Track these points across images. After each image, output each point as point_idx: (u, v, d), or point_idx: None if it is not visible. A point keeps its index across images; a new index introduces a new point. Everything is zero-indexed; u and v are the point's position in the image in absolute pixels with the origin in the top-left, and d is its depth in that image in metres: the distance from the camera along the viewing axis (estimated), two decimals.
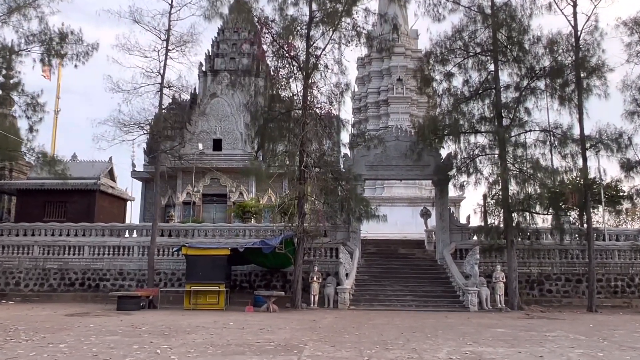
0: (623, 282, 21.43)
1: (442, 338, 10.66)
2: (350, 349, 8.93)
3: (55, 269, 22.51)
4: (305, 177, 19.39)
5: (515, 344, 9.93)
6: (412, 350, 8.85)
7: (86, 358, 7.89)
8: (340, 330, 11.94)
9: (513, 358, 8.23)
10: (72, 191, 27.07)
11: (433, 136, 21.14)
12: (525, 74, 20.71)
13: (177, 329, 12.06)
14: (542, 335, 11.30)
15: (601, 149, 19.59)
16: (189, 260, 18.81)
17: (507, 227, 19.38)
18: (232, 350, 8.78)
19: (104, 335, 10.75)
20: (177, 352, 8.52)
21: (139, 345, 9.22)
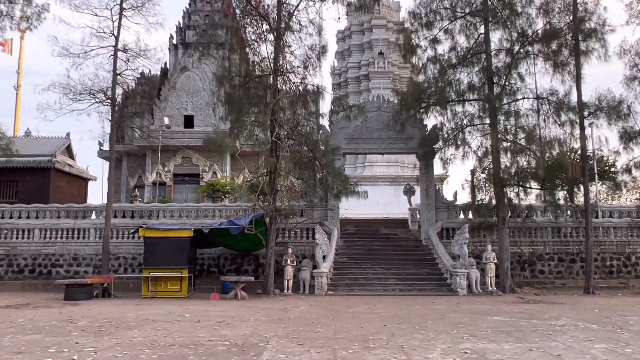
0: (619, 262, 20.20)
1: (432, 331, 9.00)
2: (322, 349, 7.20)
3: (2, 254, 20.37)
4: (278, 149, 17.51)
5: (520, 337, 8.30)
6: (399, 349, 7.15)
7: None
8: (313, 322, 10.22)
9: (525, 357, 6.58)
10: (24, 169, 24.87)
11: (418, 105, 19.39)
12: (518, 38, 18.99)
13: (120, 323, 10.20)
14: (547, 325, 9.73)
15: (600, 117, 18.08)
16: (148, 243, 16.87)
17: (499, 203, 17.85)
18: (172, 353, 7.00)
19: (25, 334, 8.87)
20: (100, 356, 6.74)
21: (58, 348, 7.39)
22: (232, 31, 18.33)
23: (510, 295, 16.77)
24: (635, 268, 20.11)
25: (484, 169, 18.53)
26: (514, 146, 18.05)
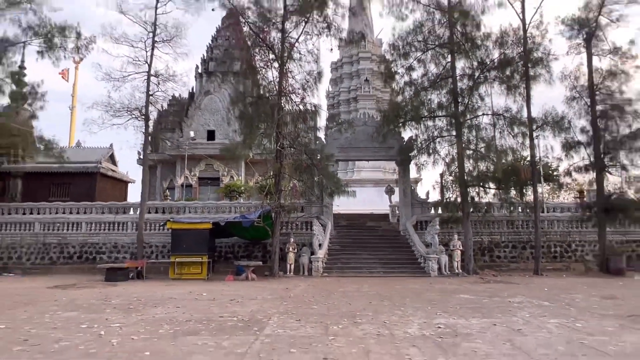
0: (562, 248, 19.74)
1: (410, 307, 8.51)
2: (316, 324, 6.70)
3: (55, 243, 19.80)
4: (282, 157, 17.06)
5: (485, 313, 7.83)
6: (382, 324, 6.67)
7: (16, 342, 5.59)
8: (309, 300, 9.74)
9: (491, 332, 6.10)
10: (74, 174, 24.38)
11: (396, 121, 18.97)
12: (478, 66, 18.60)
13: (148, 301, 9.70)
14: (507, 302, 9.27)
15: (546, 130, 17.68)
16: (174, 233, 16.38)
17: (463, 200, 17.41)
18: (187, 328, 6.50)
19: (64, 311, 8.37)
20: (125, 332, 6.25)
21: (89, 324, 6.90)
22: (245, 61, 17.90)
23: (473, 276, 16.31)
24: (575, 253, 19.65)
25: (451, 172, 18.11)
26: (475, 154, 17.64)
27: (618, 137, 17.30)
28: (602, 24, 18.00)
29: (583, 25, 18.24)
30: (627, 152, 17.22)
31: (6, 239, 19.85)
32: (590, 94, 17.78)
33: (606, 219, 17.27)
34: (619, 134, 17.28)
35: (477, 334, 5.93)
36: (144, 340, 5.63)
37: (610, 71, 17.58)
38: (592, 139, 17.76)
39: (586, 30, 17.89)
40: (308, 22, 17.22)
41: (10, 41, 19.33)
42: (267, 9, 16.91)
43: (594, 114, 17.55)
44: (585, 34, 17.96)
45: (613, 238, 19.54)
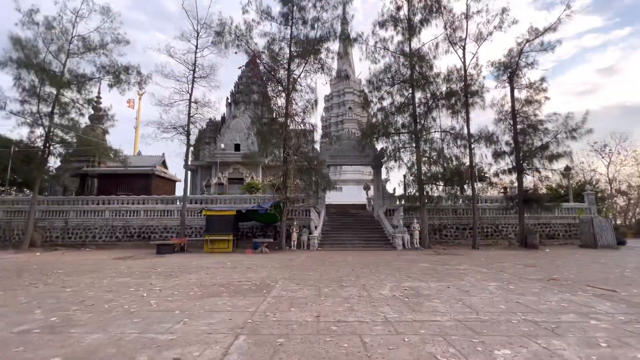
0: (491, 229, 19.37)
1: (383, 274, 8.05)
2: (312, 287, 6.23)
3: (120, 226, 19.14)
4: (287, 163, 16.55)
5: (440, 278, 7.37)
6: (362, 287, 6.20)
7: (75, 302, 5.08)
8: (307, 268, 9.24)
9: (446, 293, 5.67)
10: (135, 175, 23.64)
11: (372, 136, 18.51)
12: (431, 96, 18.15)
13: (185, 269, 9.15)
14: (455, 269, 8.82)
15: (481, 142, 17.28)
16: (208, 218, 15.78)
17: (420, 194, 16.96)
18: (212, 291, 6.00)
19: (120, 277, 7.83)
20: (163, 294, 5.74)
21: (136, 287, 6.39)
22: (260, 92, 17.37)
23: (428, 249, 15.86)
24: (501, 233, 19.29)
25: (412, 173, 17.64)
26: (429, 160, 17.21)
27: (532, 148, 16.93)
28: (521, 65, 17.66)
29: (507, 67, 17.90)
30: (539, 159, 16.86)
31: (85, 222, 19.18)
32: (512, 117, 17.40)
33: (524, 208, 16.90)
34: (533, 146, 16.92)
35: (436, 294, 5.51)
36: (177, 301, 5.14)
37: (527, 100, 17.23)
38: (514, 149, 17.40)
39: (510, 70, 17.55)
40: (307, 63, 16.73)
41: (87, 77, 18.67)
42: (277, 53, 16.40)
43: (515, 131, 17.19)
44: (509, 72, 17.61)
45: (528, 222, 19.19)
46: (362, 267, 9.34)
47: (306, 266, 9.66)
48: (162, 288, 6.24)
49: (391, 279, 7.11)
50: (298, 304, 4.90)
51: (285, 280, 7.05)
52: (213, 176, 34.04)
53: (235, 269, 9.05)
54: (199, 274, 8.23)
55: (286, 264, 10.38)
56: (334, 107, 44.50)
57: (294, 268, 9.22)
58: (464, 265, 9.55)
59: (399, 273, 8.05)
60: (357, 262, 10.66)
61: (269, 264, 10.35)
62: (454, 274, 7.93)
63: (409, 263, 10.28)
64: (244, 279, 7.35)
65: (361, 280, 6.94)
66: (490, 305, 4.77)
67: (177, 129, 17.32)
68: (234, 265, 10.05)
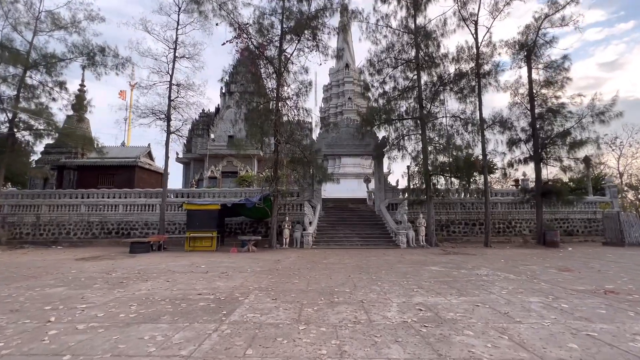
0: (503, 225, 17.73)
1: (386, 282, 6.40)
2: (291, 305, 4.59)
3: (97, 221, 17.55)
4: (278, 150, 14.87)
5: (460, 288, 5.74)
6: (359, 305, 4.57)
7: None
8: (293, 273, 7.60)
9: (477, 316, 4.00)
10: (117, 167, 22.04)
11: (373, 122, 16.80)
12: (438, 78, 16.38)
13: (144, 275, 7.53)
14: (475, 275, 7.18)
15: (495, 128, 15.57)
16: (189, 213, 14.15)
17: (427, 186, 15.31)
18: (152, 312, 4.37)
19: (54, 286, 6.24)
20: (81, 317, 4.18)
21: (56, 305, 4.79)
22: (250, 73, 15.64)
23: (435, 248, 14.27)
24: (514, 229, 17.67)
25: (417, 164, 15.94)
26: (437, 148, 15.52)
27: (552, 135, 15.21)
28: (539, 43, 15.85)
29: (523, 46, 16.09)
30: (559, 147, 15.13)
31: (58, 218, 17.58)
32: (530, 100, 15.66)
33: (543, 201, 15.24)
34: (553, 132, 15.19)
35: (464, 319, 3.88)
36: (89, 331, 3.52)
37: (546, 81, 15.44)
38: (531, 136, 15.69)
39: (526, 48, 15.75)
40: (301, 40, 14.96)
41: (58, 57, 16.90)
42: (266, 27, 14.62)
43: (533, 116, 15.45)
44: (525, 51, 15.81)
45: (544, 217, 17.52)
46: (361, 271, 7.71)
47: (294, 270, 8.05)
48: (91, 305, 4.64)
49: (398, 291, 5.49)
50: (263, 338, 3.28)
51: (260, 293, 5.43)
52: (206, 169, 32.64)
53: (206, 274, 7.44)
54: (157, 281, 6.62)
55: (271, 266, 8.77)
56: (333, 98, 42.78)
57: (278, 273, 7.60)
58: (484, 269, 7.92)
59: (407, 281, 6.43)
60: (355, 264, 9.05)
61: (250, 266, 8.74)
62: (476, 282, 6.30)
63: (417, 266, 8.66)
64: (209, 290, 5.74)
65: (359, 293, 5.32)
66: (552, 342, 3.14)
67: (157, 114, 15.61)
68: (207, 268, 8.44)
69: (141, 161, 22.80)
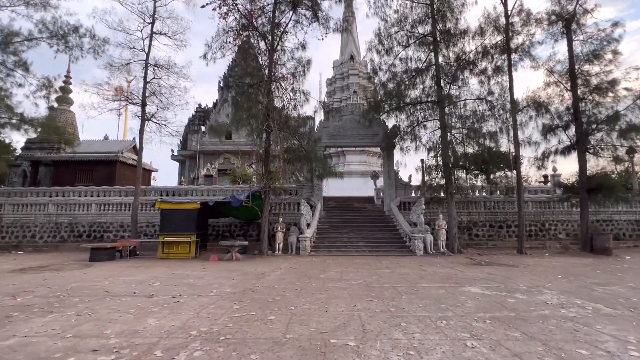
0: (536, 227, 15.24)
1: (413, 320, 4.02)
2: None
3: (66, 223, 15.49)
4: (270, 138, 12.64)
5: (545, 340, 3.31)
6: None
7: None
8: (275, 298, 5.27)
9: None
10: (97, 162, 20.05)
11: (382, 108, 14.50)
12: (457, 58, 13.96)
13: (59, 301, 5.29)
14: (543, 305, 4.77)
15: (528, 113, 13.12)
16: (163, 213, 11.96)
17: (448, 181, 12.93)
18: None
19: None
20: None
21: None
22: (239, 49, 13.42)
23: (458, 255, 11.89)
24: (549, 232, 15.18)
25: (435, 154, 13.53)
26: (461, 137, 13.14)
27: (598, 119, 12.72)
28: (579, 11, 13.39)
29: (559, 16, 13.65)
30: (606, 133, 12.65)
31: (23, 219, 15.56)
32: (570, 78, 13.20)
33: (588, 199, 12.74)
34: (601, 116, 12.69)
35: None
36: None
37: (593, 54, 12.97)
38: (570, 121, 13.23)
39: (566, 16, 13.28)
40: (297, 7, 12.71)
41: (21, 34, 14.85)
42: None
43: (576, 97, 12.98)
44: (564, 21, 13.35)
45: (578, 218, 15.07)
46: (371, 296, 5.40)
47: (277, 291, 5.77)
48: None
49: (439, 345, 3.15)
50: None
51: (201, 349, 3.15)
52: (201, 167, 30.75)
53: (148, 301, 5.18)
54: (62, 315, 4.38)
55: (249, 284, 6.50)
56: (337, 91, 40.65)
57: (252, 298, 5.32)
58: (548, 293, 5.54)
59: (446, 319, 4.09)
60: (362, 281, 6.74)
61: (220, 284, 6.48)
62: (557, 322, 3.92)
63: (448, 285, 6.31)
64: (121, 339, 3.48)
65: (372, 353, 3.00)
66: None
67: (130, 98, 13.47)
68: (161, 287, 6.20)
69: (124, 156, 20.77)
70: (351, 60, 41.81)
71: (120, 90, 38.56)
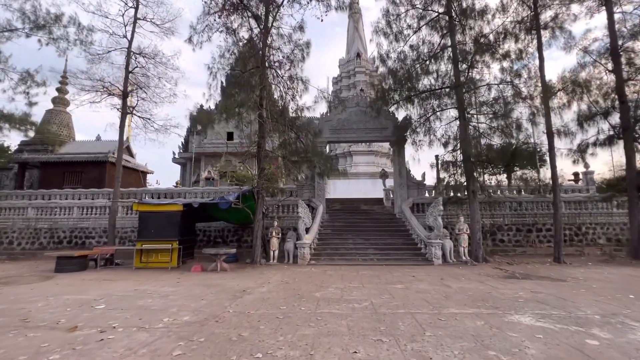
0: (571, 232, 13.30)
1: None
2: None
3: (46, 228, 14.25)
4: (264, 132, 11.14)
5: None
6: None
7: None
8: (242, 336, 3.64)
9: None
10: (86, 163, 18.93)
11: (391, 97, 12.87)
12: (480, 33, 12.23)
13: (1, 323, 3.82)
14: (636, 346, 3.08)
15: (563, 98, 11.31)
16: (141, 217, 10.51)
17: (469, 179, 11.18)
18: None
19: None
20: None
21: None
22: (229, 31, 11.98)
23: (484, 264, 10.10)
24: (586, 237, 13.22)
25: (453, 148, 11.82)
26: (478, 129, 11.40)
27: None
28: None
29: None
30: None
31: (1, 224, 14.39)
32: (612, 57, 11.36)
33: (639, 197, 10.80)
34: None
35: None
36: None
37: (637, 29, 11.12)
38: (614, 108, 11.35)
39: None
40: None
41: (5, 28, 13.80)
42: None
43: (620, 79, 11.12)
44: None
45: (621, 220, 13.14)
46: (381, 332, 3.76)
47: (250, 323, 4.18)
48: None
49: None
50: None
51: None
52: (202, 169, 29.66)
53: (64, 337, 3.68)
54: None
55: (217, 309, 4.93)
56: (343, 90, 39.24)
57: (210, 335, 3.75)
58: (635, 326, 3.80)
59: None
60: (368, 303, 5.10)
61: (180, 308, 4.92)
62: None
63: (486, 311, 4.62)
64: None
65: None
66: None
67: (108, 88, 12.18)
68: (97, 315, 4.68)
69: (114, 157, 19.57)
70: (357, 57, 40.44)
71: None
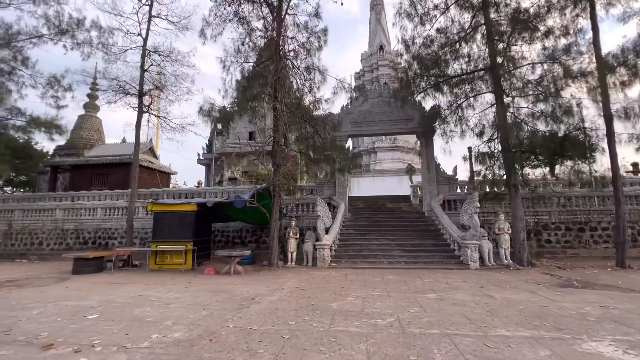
0: (634, 230, 11.50)
1: None
2: None
3: (72, 229, 14.52)
4: (278, 125, 10.48)
5: None
6: None
7: None
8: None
9: None
10: (112, 165, 19.30)
11: (418, 84, 11.75)
12: (513, 17, 10.85)
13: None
14: None
15: (624, 74, 9.66)
16: (156, 217, 10.22)
17: (510, 172, 9.85)
18: None
19: None
20: None
21: None
22: (243, 21, 11.44)
23: (530, 269, 8.80)
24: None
25: (489, 138, 10.54)
26: (518, 116, 10.02)
27: None
28: None
29: None
30: None
31: (31, 225, 14.88)
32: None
33: None
34: None
35: None
36: None
37: None
38: None
39: None
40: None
41: (22, 32, 14.16)
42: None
43: None
44: None
45: None
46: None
47: (249, 344, 3.47)
48: None
49: None
50: None
51: None
52: (226, 170, 29.91)
53: (35, 357, 3.12)
54: None
55: (218, 322, 4.27)
56: (366, 85, 37.99)
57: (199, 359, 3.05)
58: None
59: None
60: (394, 319, 4.23)
61: (177, 320, 4.31)
62: None
63: (548, 335, 3.59)
64: None
65: None
66: None
67: (123, 87, 12.07)
68: (84, 327, 4.17)
69: (139, 158, 19.87)
70: (380, 50, 39.17)
71: (151, 98, 37.14)
